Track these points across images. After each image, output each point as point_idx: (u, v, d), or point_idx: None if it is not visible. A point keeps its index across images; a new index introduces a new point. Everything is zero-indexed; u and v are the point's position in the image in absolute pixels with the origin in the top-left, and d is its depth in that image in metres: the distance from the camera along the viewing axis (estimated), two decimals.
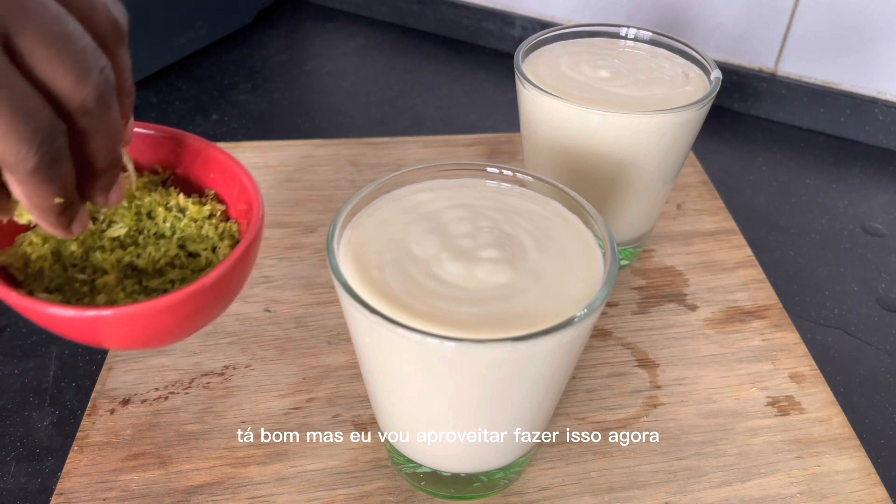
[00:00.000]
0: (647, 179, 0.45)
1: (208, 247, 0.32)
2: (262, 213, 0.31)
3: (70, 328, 0.28)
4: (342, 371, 0.42)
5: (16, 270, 0.30)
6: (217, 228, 0.32)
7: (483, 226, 0.33)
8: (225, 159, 0.33)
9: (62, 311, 0.27)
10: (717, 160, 0.64)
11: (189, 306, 0.28)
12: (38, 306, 0.27)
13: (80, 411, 0.41)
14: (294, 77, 0.74)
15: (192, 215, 0.32)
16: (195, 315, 0.29)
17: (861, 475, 0.38)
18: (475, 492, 0.36)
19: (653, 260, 0.51)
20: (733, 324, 0.46)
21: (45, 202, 0.26)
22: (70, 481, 0.36)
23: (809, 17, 0.65)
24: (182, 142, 0.34)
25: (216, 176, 0.34)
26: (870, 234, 0.57)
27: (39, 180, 0.25)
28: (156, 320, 0.27)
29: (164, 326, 0.28)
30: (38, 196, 0.25)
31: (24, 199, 0.26)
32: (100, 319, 0.27)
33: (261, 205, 0.31)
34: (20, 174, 0.24)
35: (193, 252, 0.32)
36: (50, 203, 0.26)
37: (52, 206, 0.26)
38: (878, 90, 0.65)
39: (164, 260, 0.31)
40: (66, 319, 0.27)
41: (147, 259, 0.31)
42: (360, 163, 0.58)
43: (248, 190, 0.32)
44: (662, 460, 0.39)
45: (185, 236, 0.32)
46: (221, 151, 0.33)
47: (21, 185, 0.25)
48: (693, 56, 0.48)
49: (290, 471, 0.37)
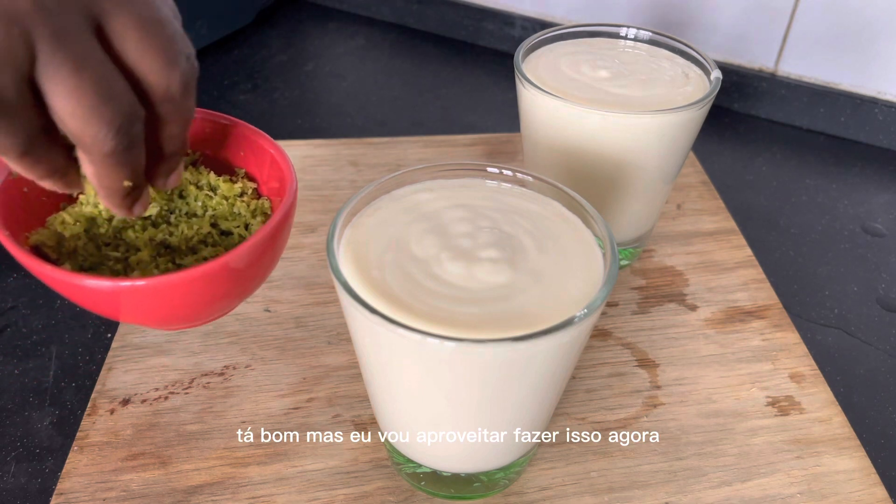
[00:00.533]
0: (647, 179, 0.45)
1: (241, 224, 0.32)
2: (295, 185, 0.30)
3: (106, 302, 0.27)
4: (342, 371, 0.42)
5: (49, 249, 0.30)
6: (249, 206, 0.32)
7: (483, 226, 0.33)
8: (255, 137, 0.33)
9: (99, 283, 0.26)
10: (717, 160, 0.64)
11: (224, 277, 0.28)
12: (74, 279, 0.26)
13: (80, 411, 0.41)
14: (294, 77, 0.74)
15: (224, 193, 0.32)
16: (230, 287, 0.29)
17: (861, 475, 0.38)
18: (475, 492, 0.36)
19: (653, 260, 0.51)
20: (733, 324, 0.46)
21: (114, 184, 0.26)
22: (70, 481, 0.36)
23: (809, 17, 0.65)
24: (212, 121, 0.34)
25: (246, 154, 0.34)
26: (870, 234, 0.57)
27: (112, 163, 0.25)
28: (191, 291, 0.27)
29: (199, 298, 0.28)
30: (109, 178, 0.25)
31: (93, 179, 0.26)
32: (135, 290, 0.26)
33: (293, 178, 0.31)
34: (95, 155, 0.24)
35: (226, 230, 0.32)
36: (119, 186, 0.26)
37: (120, 189, 0.26)
38: (878, 90, 0.65)
39: (197, 238, 0.31)
40: (103, 292, 0.27)
41: (180, 237, 0.31)
42: (360, 163, 0.58)
43: (280, 165, 0.32)
44: (662, 460, 0.39)
45: (216, 214, 0.32)
46: (251, 129, 0.33)
47: (93, 166, 0.25)
48: (693, 56, 0.48)
49: (290, 471, 0.37)
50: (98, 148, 0.24)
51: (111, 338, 0.44)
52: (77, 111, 0.23)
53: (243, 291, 0.31)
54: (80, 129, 0.23)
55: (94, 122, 0.23)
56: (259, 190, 0.34)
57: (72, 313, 0.46)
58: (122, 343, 0.43)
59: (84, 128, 0.23)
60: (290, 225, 0.31)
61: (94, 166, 0.25)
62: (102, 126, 0.23)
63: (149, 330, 0.44)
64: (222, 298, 0.29)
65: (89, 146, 0.24)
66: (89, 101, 0.23)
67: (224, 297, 0.29)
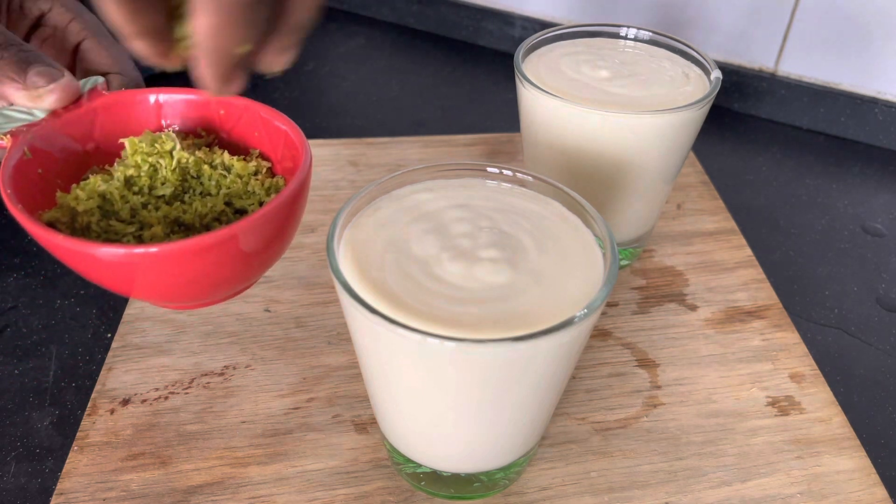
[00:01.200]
0: (647, 179, 0.45)
1: (255, 202, 0.32)
2: (309, 161, 0.30)
3: (118, 272, 0.27)
4: (342, 371, 0.42)
5: (62, 226, 0.29)
6: (263, 184, 0.32)
7: (483, 226, 0.33)
8: (269, 117, 0.33)
9: (112, 251, 0.26)
10: (717, 160, 0.64)
11: (236, 247, 0.27)
12: (87, 248, 0.26)
13: (80, 411, 0.41)
14: (294, 77, 0.74)
15: (238, 172, 0.32)
16: (242, 259, 0.28)
17: (861, 475, 0.38)
18: (475, 492, 0.36)
19: (653, 260, 0.51)
20: (733, 324, 0.46)
21: (228, 46, 0.22)
22: (70, 481, 0.36)
23: (809, 17, 0.65)
24: (225, 103, 0.34)
25: (261, 134, 0.33)
26: (870, 234, 0.57)
27: (237, 17, 0.21)
28: (204, 260, 0.27)
29: (212, 269, 0.27)
30: (226, 37, 0.22)
31: (205, 38, 0.22)
32: (148, 257, 0.26)
33: (308, 154, 0.30)
34: (218, 2, 0.21)
35: (240, 208, 0.32)
36: (231, 49, 0.22)
37: (231, 55, 0.22)
38: (878, 90, 0.65)
39: (211, 216, 0.31)
40: (115, 260, 0.26)
41: (193, 214, 0.31)
42: (360, 163, 0.58)
43: (295, 143, 0.31)
44: (662, 460, 0.39)
45: (231, 193, 0.32)
46: (265, 108, 0.33)
47: (213, 17, 0.21)
48: (693, 56, 0.48)
49: (290, 471, 0.37)
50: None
51: (111, 338, 0.44)
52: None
53: (256, 267, 0.30)
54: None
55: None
56: (273, 169, 0.33)
57: (72, 313, 0.47)
58: (122, 343, 0.43)
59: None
60: (304, 200, 0.30)
61: (214, 17, 0.21)
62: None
63: (149, 330, 0.44)
64: (234, 271, 0.29)
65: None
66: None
67: (236, 271, 0.29)
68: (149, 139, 0.31)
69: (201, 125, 0.34)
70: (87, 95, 0.32)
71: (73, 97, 0.31)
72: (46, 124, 0.31)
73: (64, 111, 0.31)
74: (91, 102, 0.32)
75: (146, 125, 0.34)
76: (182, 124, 0.34)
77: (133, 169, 0.31)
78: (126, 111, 0.33)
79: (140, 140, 0.31)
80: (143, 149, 0.31)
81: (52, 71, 0.31)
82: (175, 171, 0.31)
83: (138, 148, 0.31)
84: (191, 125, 0.34)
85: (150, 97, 0.33)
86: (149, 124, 0.34)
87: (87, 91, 0.32)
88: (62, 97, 0.31)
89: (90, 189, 0.30)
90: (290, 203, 0.29)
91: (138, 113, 0.33)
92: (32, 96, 0.30)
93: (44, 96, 0.30)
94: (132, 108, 0.33)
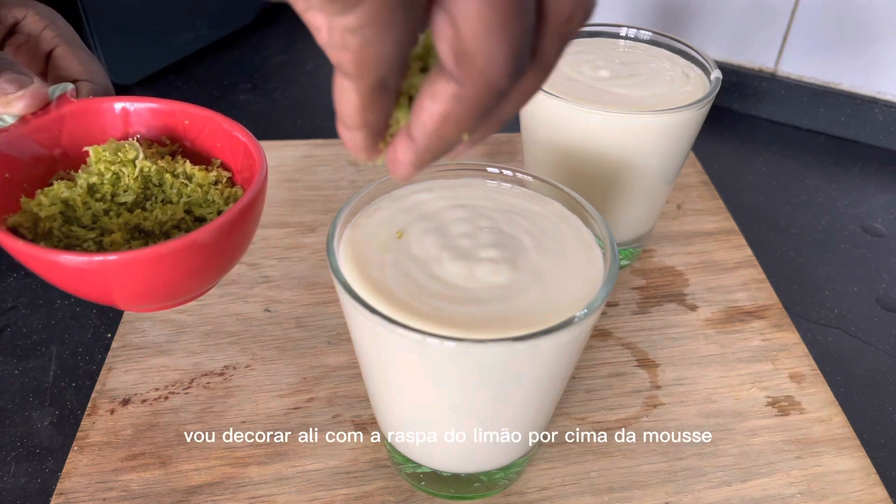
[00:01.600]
0: (647, 179, 0.45)
1: (214, 211, 0.33)
2: (264, 172, 0.31)
3: (78, 277, 0.28)
4: (342, 371, 0.42)
5: (25, 230, 0.30)
6: (223, 193, 0.33)
7: (483, 226, 0.33)
8: (230, 128, 0.34)
9: (71, 259, 0.27)
10: (717, 160, 0.64)
11: (191, 255, 0.28)
12: (46, 255, 0.27)
13: (80, 411, 0.41)
14: (294, 77, 0.74)
15: (199, 181, 0.33)
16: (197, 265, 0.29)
17: (861, 475, 0.38)
18: (475, 492, 0.36)
19: (653, 260, 0.51)
20: (733, 324, 0.46)
21: (453, 137, 0.21)
22: (70, 481, 0.36)
23: (809, 17, 0.65)
24: (188, 114, 0.35)
25: (222, 145, 0.34)
26: (870, 234, 0.57)
27: (474, 108, 0.20)
28: (160, 267, 0.28)
29: (168, 275, 0.28)
30: (454, 127, 0.20)
31: (430, 127, 0.20)
32: (106, 265, 0.27)
33: (264, 166, 0.31)
34: (477, 85, 0.19)
35: (199, 216, 0.33)
36: (454, 140, 0.21)
37: (449, 146, 0.21)
38: (878, 90, 0.65)
39: (171, 223, 0.32)
40: (75, 266, 0.27)
41: (154, 221, 0.31)
42: (359, 163, 0.58)
43: (254, 155, 0.32)
44: (662, 460, 0.39)
45: (191, 201, 0.33)
46: (227, 121, 0.34)
47: (446, 105, 0.19)
48: (693, 56, 0.48)
49: (290, 471, 0.37)
50: (485, 73, 0.19)
51: (111, 338, 0.44)
52: (485, 17, 0.18)
53: (212, 271, 0.31)
54: (479, 43, 0.18)
55: (497, 36, 0.18)
56: (233, 179, 0.34)
57: (72, 313, 0.47)
58: (122, 343, 0.43)
59: (485, 41, 0.18)
60: (259, 210, 0.32)
61: (450, 106, 0.19)
62: (503, 44, 0.18)
63: (149, 330, 0.44)
64: (190, 276, 0.30)
65: (478, 68, 0.19)
66: (502, 27, 0.18)
67: (192, 275, 0.30)
68: (112, 147, 0.32)
69: (166, 133, 0.35)
70: (56, 102, 0.33)
71: (42, 103, 0.32)
72: (15, 130, 0.32)
73: (33, 117, 0.32)
74: (59, 109, 0.33)
75: (113, 132, 0.34)
76: (147, 132, 0.35)
77: (96, 176, 0.32)
78: (93, 118, 0.34)
79: (104, 148, 0.32)
80: (107, 157, 0.32)
81: (21, 78, 0.31)
82: (137, 179, 0.32)
83: (102, 156, 0.32)
84: (156, 133, 0.35)
85: (117, 105, 0.34)
86: (115, 132, 0.35)
87: (56, 98, 0.33)
88: (31, 103, 0.32)
89: (53, 195, 0.31)
90: (243, 213, 0.30)
91: (105, 120, 0.34)
92: (2, 102, 0.31)
93: (13, 102, 0.31)
94: (99, 115, 0.34)
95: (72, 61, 0.36)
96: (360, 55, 0.18)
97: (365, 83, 0.19)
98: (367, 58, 0.18)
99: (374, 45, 0.18)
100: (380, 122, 0.21)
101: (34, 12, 0.36)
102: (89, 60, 0.36)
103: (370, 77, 0.19)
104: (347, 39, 0.18)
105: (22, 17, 0.36)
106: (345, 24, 0.18)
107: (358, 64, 0.19)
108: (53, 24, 0.36)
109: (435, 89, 0.20)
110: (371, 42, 0.18)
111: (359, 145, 0.22)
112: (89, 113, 0.34)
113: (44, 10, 0.37)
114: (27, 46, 0.36)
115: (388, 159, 0.23)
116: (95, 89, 0.35)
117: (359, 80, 0.19)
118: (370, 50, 0.18)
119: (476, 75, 0.19)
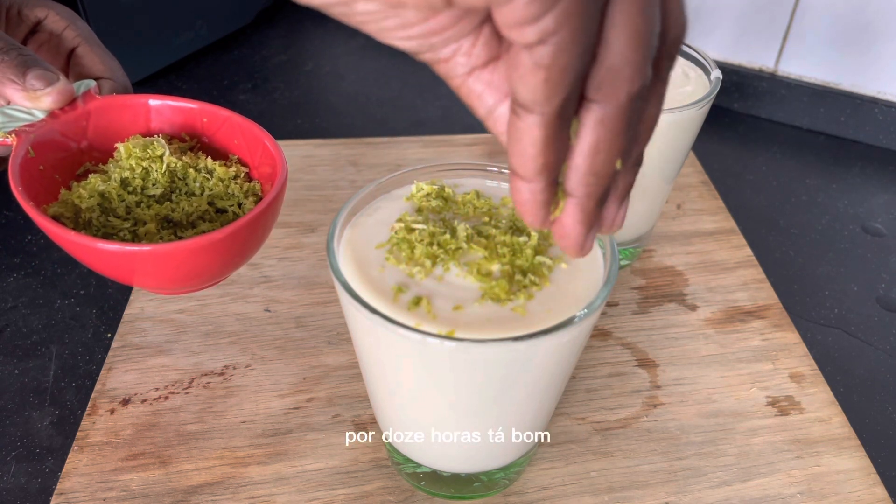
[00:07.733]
0: (648, 179, 0.45)
1: (234, 203, 0.35)
2: (285, 170, 0.33)
3: (118, 264, 0.30)
4: (342, 371, 0.42)
5: (66, 220, 0.32)
6: (242, 188, 0.35)
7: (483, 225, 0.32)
8: (248, 126, 0.36)
9: (114, 247, 0.29)
10: (717, 160, 0.64)
11: (217, 249, 0.31)
12: (93, 243, 0.29)
13: (80, 411, 0.41)
14: (294, 77, 0.74)
15: (220, 176, 0.35)
16: (222, 257, 0.32)
17: (861, 475, 0.38)
18: (475, 492, 0.36)
19: (653, 260, 0.51)
20: (733, 324, 0.46)
21: (608, 166, 0.21)
22: (70, 481, 0.36)
23: (809, 17, 0.65)
24: (208, 113, 0.37)
25: (240, 142, 0.37)
26: (870, 234, 0.57)
27: (624, 127, 0.20)
28: (190, 258, 0.30)
29: (196, 265, 0.31)
30: (607, 153, 0.20)
31: (584, 160, 0.20)
32: (143, 254, 0.30)
33: (284, 163, 0.34)
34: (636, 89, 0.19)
35: (221, 208, 0.35)
36: (610, 169, 0.21)
37: (608, 179, 0.21)
38: (878, 90, 0.65)
39: (196, 214, 0.34)
40: (116, 254, 0.30)
41: (181, 213, 0.34)
42: (360, 163, 0.58)
43: (272, 152, 0.35)
44: (662, 460, 0.39)
45: (213, 194, 0.35)
46: (245, 119, 0.36)
47: (598, 132, 0.20)
48: (693, 56, 0.48)
49: (290, 471, 0.37)
50: (626, 84, 0.19)
51: (111, 338, 0.44)
52: (634, 48, 0.18)
53: (235, 261, 0.34)
54: (629, 74, 0.18)
55: (639, 70, 0.18)
56: (250, 174, 0.37)
57: (72, 313, 0.47)
58: (122, 343, 0.43)
59: (633, 74, 0.18)
60: (279, 205, 0.34)
61: (610, 120, 0.20)
62: (639, 54, 0.18)
63: (149, 330, 0.44)
64: (216, 266, 0.33)
65: (621, 80, 0.19)
66: (645, 40, 0.18)
67: (218, 265, 0.33)
68: (141, 145, 0.35)
69: (185, 130, 0.37)
70: (82, 98, 0.35)
71: (68, 99, 0.34)
72: (46, 124, 0.33)
73: (61, 112, 0.34)
74: (86, 105, 0.35)
75: (135, 127, 0.36)
76: (168, 128, 0.37)
77: (128, 171, 0.34)
78: (117, 114, 0.36)
79: (133, 145, 0.35)
80: (137, 153, 0.34)
81: (49, 74, 0.33)
82: (165, 173, 0.35)
83: (132, 152, 0.34)
84: (176, 129, 0.37)
85: (140, 102, 0.36)
86: (137, 127, 0.37)
87: (82, 94, 0.35)
88: (58, 99, 0.33)
89: (91, 188, 0.33)
90: (267, 210, 0.32)
91: (128, 116, 0.36)
92: (31, 97, 0.33)
93: (41, 98, 0.33)
94: (123, 111, 0.36)
95: (93, 59, 0.37)
96: (552, 70, 0.18)
97: (551, 109, 0.19)
98: (559, 71, 0.18)
99: (566, 53, 0.18)
100: (557, 164, 0.20)
101: (55, 12, 0.38)
102: (109, 59, 0.38)
103: (558, 98, 0.19)
104: (540, 54, 0.18)
105: (44, 17, 0.38)
106: (543, 28, 0.17)
107: (548, 81, 0.18)
108: (74, 23, 0.38)
109: (579, 129, 0.20)
110: (564, 49, 0.18)
111: (538, 199, 0.21)
112: (114, 108, 0.36)
113: (63, 10, 0.38)
114: (49, 45, 0.38)
115: (557, 235, 0.22)
116: (116, 86, 0.37)
117: (545, 105, 0.19)
118: (562, 59, 0.18)
119: (618, 87, 0.19)
